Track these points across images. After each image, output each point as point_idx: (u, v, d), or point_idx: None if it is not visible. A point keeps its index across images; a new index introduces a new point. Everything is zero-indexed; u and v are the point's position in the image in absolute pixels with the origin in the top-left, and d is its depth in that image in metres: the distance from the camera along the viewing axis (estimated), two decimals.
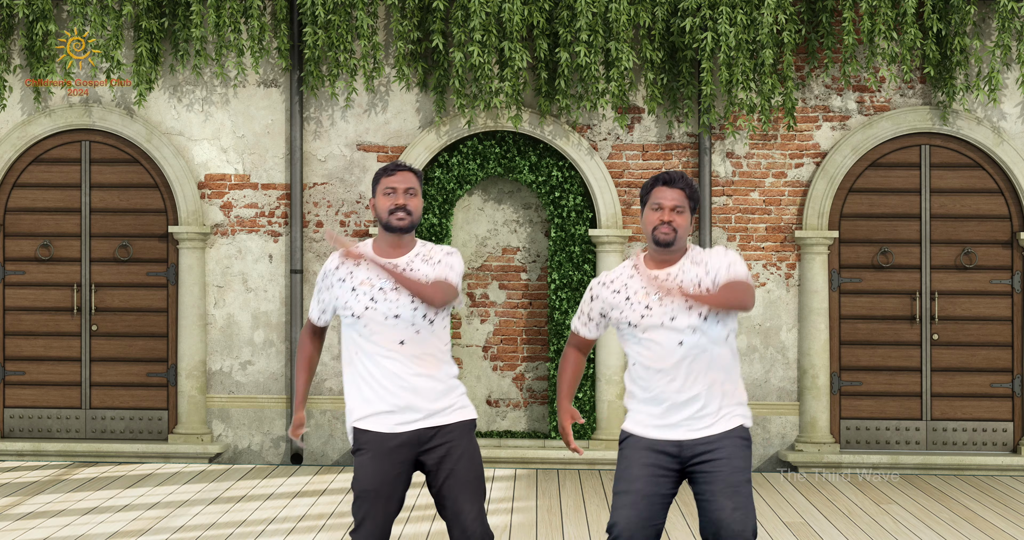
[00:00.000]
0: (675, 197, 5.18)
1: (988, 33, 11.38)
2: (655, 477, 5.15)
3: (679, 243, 5.19)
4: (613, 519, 5.16)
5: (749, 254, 11.49)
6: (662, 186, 5.20)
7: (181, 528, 8.71)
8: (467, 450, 5.28)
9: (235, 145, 11.69)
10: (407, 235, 5.36)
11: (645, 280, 5.13)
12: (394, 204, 5.31)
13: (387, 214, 5.32)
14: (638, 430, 5.24)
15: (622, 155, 11.56)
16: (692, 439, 5.17)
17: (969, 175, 11.47)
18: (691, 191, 5.20)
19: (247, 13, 11.30)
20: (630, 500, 5.12)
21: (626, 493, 5.14)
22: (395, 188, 5.32)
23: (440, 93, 11.45)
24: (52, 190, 11.85)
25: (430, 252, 5.39)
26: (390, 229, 5.32)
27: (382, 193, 5.33)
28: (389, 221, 5.31)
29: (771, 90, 11.05)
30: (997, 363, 11.43)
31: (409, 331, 5.27)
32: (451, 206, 11.62)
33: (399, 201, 5.31)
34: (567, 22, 11.13)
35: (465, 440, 5.30)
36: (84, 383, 11.82)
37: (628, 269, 5.29)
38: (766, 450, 11.48)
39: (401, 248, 5.37)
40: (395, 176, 5.33)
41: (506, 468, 11.33)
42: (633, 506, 5.12)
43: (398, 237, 5.35)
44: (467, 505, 5.23)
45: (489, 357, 11.79)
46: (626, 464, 5.19)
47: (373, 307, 5.27)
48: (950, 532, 8.75)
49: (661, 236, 5.14)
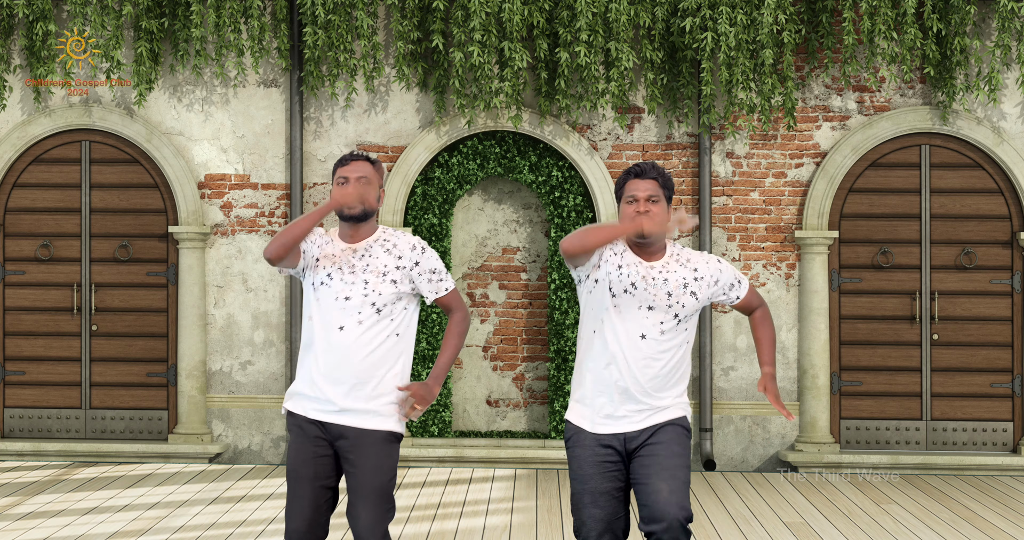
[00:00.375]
0: (648, 187, 5.19)
1: (988, 33, 11.38)
2: (608, 472, 5.16)
3: None
4: (580, 517, 5.16)
5: (749, 254, 11.49)
6: (634, 178, 5.21)
7: (181, 528, 8.71)
8: (369, 462, 5.26)
9: (235, 145, 11.69)
10: (364, 224, 5.36)
11: (771, 399, 5.20)
12: None
13: None
14: (585, 424, 5.23)
15: (622, 155, 11.56)
16: (635, 431, 5.18)
17: (969, 175, 11.47)
18: (664, 180, 5.20)
19: (247, 13, 11.30)
20: (591, 499, 5.13)
21: (585, 492, 5.15)
22: (347, 178, 5.33)
23: (440, 93, 11.45)
24: (52, 190, 11.85)
25: (393, 239, 5.37)
26: (342, 218, 5.34)
27: (336, 183, 5.34)
28: (341, 210, 5.33)
29: (771, 90, 11.05)
30: (997, 363, 11.43)
31: (352, 319, 5.27)
32: (451, 206, 11.62)
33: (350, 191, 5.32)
34: (567, 22, 11.13)
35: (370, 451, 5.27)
36: (84, 383, 11.82)
37: (620, 245, 5.29)
38: (766, 450, 11.48)
39: (358, 236, 5.38)
40: (348, 166, 5.34)
41: (506, 468, 11.33)
42: (595, 504, 5.13)
43: (353, 226, 5.36)
44: (363, 512, 5.23)
45: (489, 357, 11.79)
46: (577, 463, 5.19)
47: (328, 283, 5.28)
48: (950, 532, 8.75)
49: None
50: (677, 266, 5.24)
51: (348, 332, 5.24)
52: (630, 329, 5.15)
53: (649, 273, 5.19)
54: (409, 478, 10.80)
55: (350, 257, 5.31)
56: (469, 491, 10.22)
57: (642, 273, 5.18)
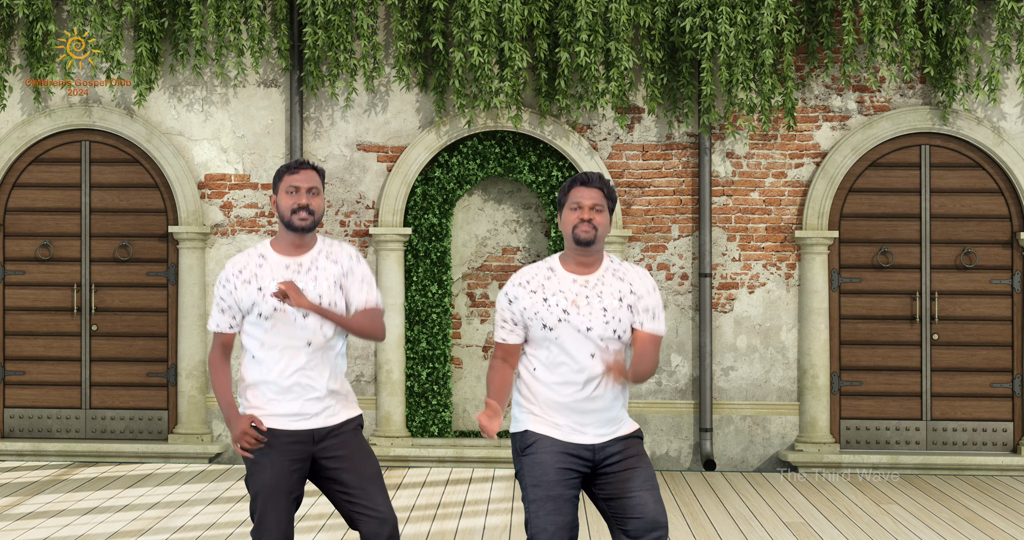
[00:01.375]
0: (593, 196, 5.21)
1: (988, 33, 11.38)
2: (571, 480, 5.18)
3: (599, 242, 5.21)
4: (540, 525, 5.15)
5: (749, 254, 11.49)
6: (580, 186, 5.23)
7: (181, 528, 8.71)
8: None
9: (235, 145, 11.69)
10: (308, 234, 5.33)
11: (613, 372, 5.13)
12: (296, 203, 5.26)
13: (289, 213, 5.27)
14: (548, 431, 5.24)
15: (622, 155, 11.56)
16: (603, 442, 5.22)
17: (969, 175, 11.47)
18: (609, 191, 5.24)
19: (247, 13, 11.30)
20: (554, 506, 5.14)
21: (549, 499, 5.15)
22: (298, 187, 5.27)
23: (440, 93, 11.45)
24: (52, 190, 11.85)
25: (332, 250, 5.36)
26: (291, 228, 5.27)
27: (284, 191, 5.27)
28: (292, 221, 5.27)
29: (771, 90, 11.05)
30: (997, 363, 11.43)
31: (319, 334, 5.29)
32: (451, 206, 11.62)
33: (302, 201, 5.26)
34: (567, 22, 11.13)
35: None
36: (84, 383, 11.82)
37: (544, 270, 5.29)
38: (766, 450, 11.48)
39: (303, 247, 5.33)
40: (298, 175, 5.28)
41: (506, 468, 11.33)
42: (558, 512, 5.14)
43: (299, 236, 5.31)
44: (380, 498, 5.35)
45: (489, 357, 11.79)
46: (541, 469, 5.19)
47: (281, 307, 5.26)
48: (950, 532, 8.75)
49: (582, 234, 5.16)
50: (612, 278, 5.26)
51: (315, 346, 5.26)
52: (575, 347, 5.19)
53: (581, 292, 5.22)
54: (409, 478, 10.80)
55: (295, 275, 5.27)
56: (469, 491, 10.22)
57: (571, 296, 5.21)
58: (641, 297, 5.24)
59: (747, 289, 11.49)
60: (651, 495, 5.16)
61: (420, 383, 11.56)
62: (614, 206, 5.27)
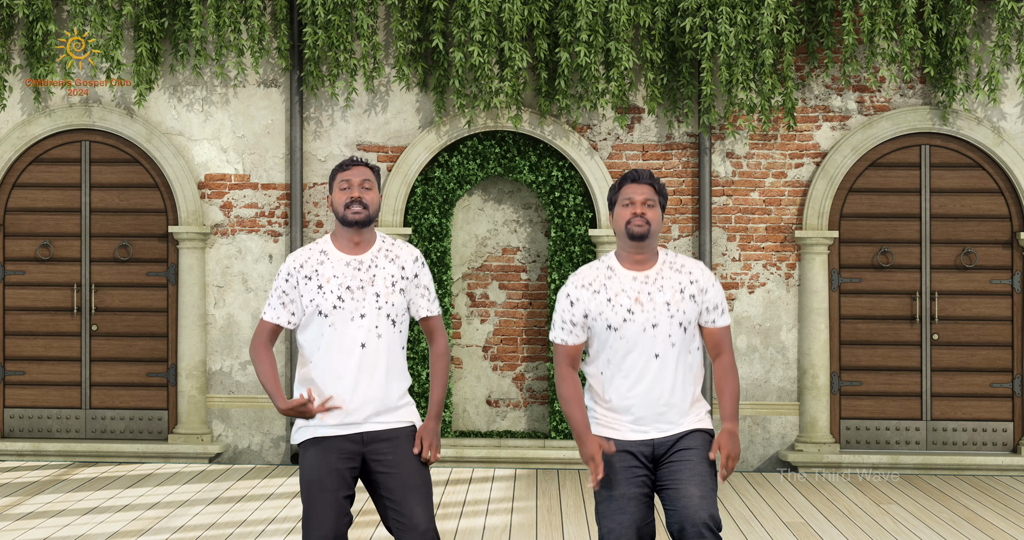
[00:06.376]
0: (644, 191, 5.23)
1: (988, 33, 11.38)
2: (636, 478, 5.17)
3: (652, 237, 5.22)
4: (607, 525, 5.15)
5: (749, 254, 11.49)
6: (630, 183, 5.26)
7: (181, 528, 8.71)
8: None
9: (235, 145, 11.69)
10: (366, 230, 5.30)
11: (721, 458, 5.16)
12: (349, 197, 5.25)
13: (343, 208, 5.25)
14: (609, 433, 5.24)
15: (622, 155, 11.56)
16: (663, 438, 5.21)
17: (969, 175, 11.47)
18: (659, 187, 5.27)
19: (247, 13, 11.30)
20: (618, 506, 5.14)
21: (612, 498, 5.15)
22: (350, 181, 5.26)
23: (440, 93, 11.45)
24: (52, 190, 11.85)
25: (393, 249, 5.34)
26: (346, 223, 5.26)
27: (338, 188, 5.27)
28: (345, 215, 5.25)
29: (771, 90, 11.05)
30: (997, 363, 11.44)
31: (372, 334, 5.25)
32: (451, 206, 11.62)
33: (354, 194, 5.25)
34: (567, 22, 11.13)
35: None
36: (84, 383, 11.82)
37: (603, 270, 5.30)
38: (766, 450, 11.48)
39: (362, 245, 5.31)
40: (350, 170, 5.28)
41: (506, 468, 11.33)
42: (623, 511, 5.14)
43: (356, 232, 5.29)
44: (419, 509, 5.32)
45: (489, 357, 11.80)
46: (606, 469, 5.19)
47: (340, 306, 5.23)
48: (950, 532, 8.75)
49: (635, 229, 5.17)
50: (671, 272, 5.28)
51: (369, 348, 5.22)
52: (640, 345, 5.19)
53: (643, 288, 5.23)
54: None
55: (356, 272, 5.26)
56: (469, 491, 10.22)
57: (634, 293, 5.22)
58: (706, 291, 5.26)
59: (747, 289, 11.49)
60: (698, 490, 5.06)
61: (420, 383, 11.56)
62: (665, 202, 5.29)
